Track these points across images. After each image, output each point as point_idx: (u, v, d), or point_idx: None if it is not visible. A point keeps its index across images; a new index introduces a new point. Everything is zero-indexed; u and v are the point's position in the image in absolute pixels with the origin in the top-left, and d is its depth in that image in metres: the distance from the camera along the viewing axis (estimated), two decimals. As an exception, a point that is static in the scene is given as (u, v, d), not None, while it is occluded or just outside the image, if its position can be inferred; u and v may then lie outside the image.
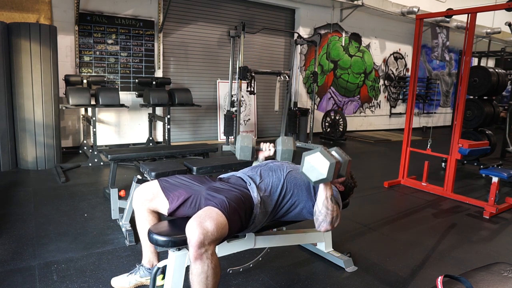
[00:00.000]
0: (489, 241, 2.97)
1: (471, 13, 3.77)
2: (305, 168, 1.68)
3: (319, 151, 1.66)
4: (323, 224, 1.75)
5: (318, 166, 1.64)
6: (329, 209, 1.73)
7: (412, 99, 4.39)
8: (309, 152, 1.69)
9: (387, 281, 2.26)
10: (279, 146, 2.17)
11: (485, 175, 4.15)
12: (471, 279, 1.13)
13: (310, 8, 7.88)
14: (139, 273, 2.06)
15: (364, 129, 9.45)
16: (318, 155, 1.65)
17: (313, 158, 1.66)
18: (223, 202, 1.64)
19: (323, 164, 1.63)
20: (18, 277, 2.13)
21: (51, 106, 4.55)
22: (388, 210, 3.61)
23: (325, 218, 1.74)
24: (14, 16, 5.05)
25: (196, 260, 1.48)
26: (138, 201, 1.87)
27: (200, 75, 6.92)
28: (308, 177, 1.68)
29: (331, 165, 1.62)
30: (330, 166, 1.62)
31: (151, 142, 6.06)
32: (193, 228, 1.49)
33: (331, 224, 1.75)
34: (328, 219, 1.74)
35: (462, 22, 9.42)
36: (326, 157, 1.63)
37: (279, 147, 2.17)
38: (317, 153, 1.66)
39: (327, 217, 1.74)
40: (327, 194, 1.73)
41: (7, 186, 3.84)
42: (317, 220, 1.77)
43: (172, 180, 1.90)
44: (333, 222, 1.76)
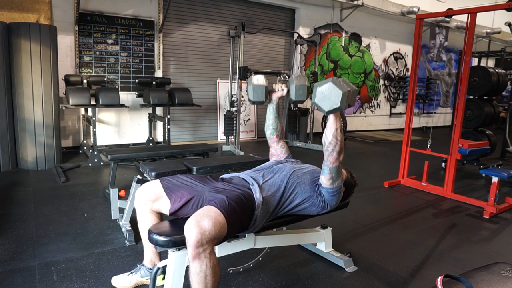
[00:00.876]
0: (489, 241, 2.97)
1: (471, 13, 3.77)
2: (318, 99, 1.68)
3: (331, 80, 1.67)
4: (333, 154, 1.80)
5: (331, 95, 1.65)
6: (338, 140, 1.79)
7: (412, 99, 4.39)
8: (320, 83, 1.69)
9: (387, 281, 2.26)
10: (293, 83, 2.09)
11: (485, 175, 4.15)
12: (471, 279, 1.13)
13: (310, 8, 7.88)
14: (140, 273, 2.06)
15: (364, 129, 9.45)
16: (331, 84, 1.65)
17: (325, 88, 1.66)
18: (222, 201, 1.64)
19: (336, 93, 1.63)
20: (18, 277, 2.12)
21: (51, 106, 4.55)
22: (388, 210, 3.61)
23: (334, 148, 1.79)
24: (14, 16, 5.05)
25: (194, 259, 1.48)
26: (141, 201, 1.87)
27: (200, 75, 6.92)
28: (321, 107, 1.68)
29: (343, 94, 1.63)
30: (343, 95, 1.63)
31: (151, 142, 6.06)
32: (190, 227, 1.49)
33: (338, 154, 1.81)
34: (337, 148, 1.79)
35: (462, 22, 9.42)
36: (338, 86, 1.63)
37: (292, 85, 2.09)
38: (329, 83, 1.66)
39: (336, 147, 1.79)
40: (337, 125, 1.78)
41: (7, 186, 3.84)
42: (327, 150, 1.81)
43: (174, 180, 1.90)
44: (340, 153, 1.82)
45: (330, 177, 1.86)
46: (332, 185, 1.88)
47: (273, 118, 2.28)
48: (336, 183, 1.89)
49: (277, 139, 2.29)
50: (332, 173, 1.85)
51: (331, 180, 1.87)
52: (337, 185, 1.90)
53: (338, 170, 1.86)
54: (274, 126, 2.28)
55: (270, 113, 2.29)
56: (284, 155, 2.24)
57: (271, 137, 2.29)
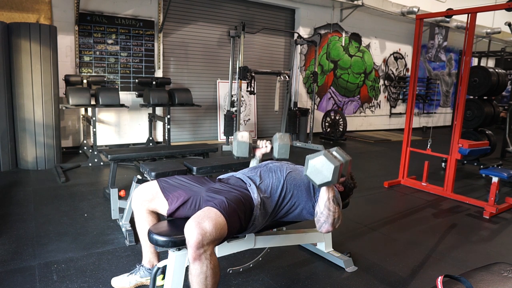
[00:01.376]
0: (489, 241, 2.97)
1: (471, 13, 3.77)
2: (309, 172, 1.68)
3: (323, 154, 1.66)
4: (325, 226, 1.75)
5: (323, 169, 1.64)
6: (331, 211, 1.73)
7: (412, 99, 4.39)
8: (312, 156, 1.69)
9: (387, 281, 2.26)
10: (276, 142, 2.17)
11: (485, 175, 4.15)
12: (471, 279, 1.13)
13: (310, 8, 7.88)
14: (139, 273, 2.06)
15: (364, 129, 9.44)
16: (322, 158, 1.65)
17: (317, 161, 1.66)
18: (222, 203, 1.64)
19: (328, 167, 1.63)
20: (18, 277, 2.12)
21: (51, 106, 4.54)
22: (388, 210, 3.61)
23: (326, 220, 1.74)
24: (14, 16, 5.05)
25: (195, 260, 1.48)
26: (137, 202, 1.87)
27: (200, 75, 6.91)
28: (313, 181, 1.67)
29: (335, 168, 1.62)
30: (335, 169, 1.62)
31: (151, 142, 6.06)
32: (191, 229, 1.49)
33: (332, 225, 1.75)
34: (329, 220, 1.74)
35: (462, 22, 9.42)
36: (330, 160, 1.63)
37: (275, 143, 2.17)
38: (321, 156, 1.66)
39: (328, 219, 1.74)
40: (329, 196, 1.73)
41: (7, 186, 3.84)
42: (319, 221, 1.76)
43: (171, 180, 1.90)
44: (335, 224, 1.76)
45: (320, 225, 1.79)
46: None
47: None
48: None
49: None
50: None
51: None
52: None
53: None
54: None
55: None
56: None
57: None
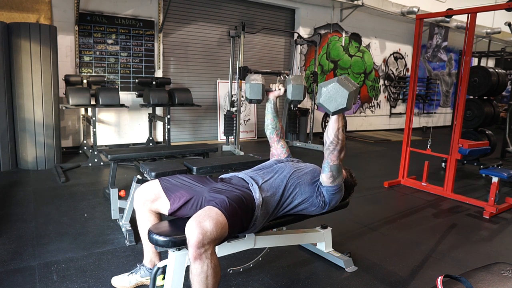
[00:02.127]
0: (489, 241, 2.97)
1: (471, 13, 3.77)
2: (323, 99, 1.66)
3: (336, 80, 1.65)
4: (334, 153, 1.81)
5: (337, 96, 1.63)
6: (339, 139, 1.79)
7: (412, 99, 4.39)
8: (325, 83, 1.67)
9: (387, 281, 2.26)
10: (290, 83, 2.10)
11: (485, 175, 4.15)
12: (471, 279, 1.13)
13: (310, 8, 7.88)
14: (140, 273, 2.06)
15: (364, 129, 9.45)
16: (336, 85, 1.64)
17: (330, 88, 1.64)
18: (223, 202, 1.63)
19: (342, 93, 1.62)
20: (18, 277, 2.12)
21: (51, 106, 4.54)
22: (388, 210, 3.61)
23: (336, 147, 1.80)
24: (14, 16, 5.05)
25: (196, 260, 1.48)
26: (140, 201, 1.87)
27: (200, 75, 6.92)
28: (327, 108, 1.66)
29: (350, 94, 1.61)
30: (350, 94, 1.61)
31: (151, 142, 6.06)
32: (192, 228, 1.49)
33: (339, 153, 1.82)
34: (338, 147, 1.80)
35: (462, 22, 9.41)
36: (344, 86, 1.62)
37: (289, 84, 2.10)
38: (334, 83, 1.64)
39: (337, 146, 1.80)
40: (339, 125, 1.78)
41: (7, 186, 3.84)
42: (328, 149, 1.82)
43: (173, 180, 1.89)
44: (341, 151, 1.82)
45: (331, 175, 1.87)
46: (333, 183, 1.89)
47: (272, 118, 2.29)
48: (337, 181, 1.90)
49: (278, 138, 2.29)
50: (333, 171, 1.86)
51: (332, 178, 1.88)
52: (338, 183, 1.91)
53: (339, 168, 1.87)
54: (273, 125, 2.29)
55: (268, 113, 2.30)
56: (285, 154, 2.25)
57: (271, 137, 2.30)
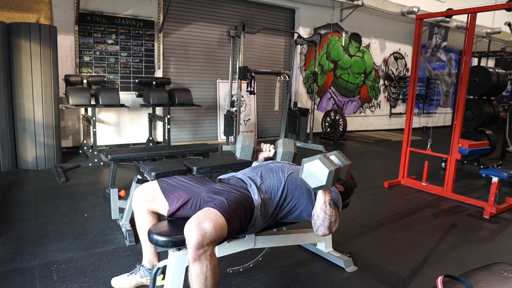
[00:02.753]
0: (489, 241, 2.97)
1: (471, 13, 3.77)
2: (305, 175, 1.67)
3: (319, 158, 1.65)
4: (321, 229, 1.74)
5: (318, 173, 1.63)
6: (327, 214, 1.71)
7: (412, 99, 4.39)
8: (308, 159, 1.68)
9: (387, 281, 2.26)
10: (280, 148, 2.17)
11: (485, 175, 4.15)
12: (471, 279, 1.13)
13: (310, 8, 7.88)
14: (139, 273, 2.06)
15: (364, 129, 9.45)
16: (317, 162, 1.63)
17: (312, 165, 1.64)
18: (222, 203, 1.63)
19: (323, 171, 1.61)
20: (18, 277, 2.13)
21: (51, 106, 4.54)
22: (388, 210, 3.61)
23: (322, 223, 1.73)
24: (14, 16, 5.05)
25: (195, 261, 1.48)
26: (138, 202, 1.87)
27: (200, 75, 6.92)
28: (308, 184, 1.66)
29: (330, 172, 1.61)
30: (329, 173, 1.61)
31: (151, 142, 6.06)
32: (191, 229, 1.49)
33: (328, 228, 1.73)
34: (326, 223, 1.72)
35: (462, 22, 9.41)
36: (325, 164, 1.62)
37: (279, 149, 2.17)
38: (316, 160, 1.64)
39: (324, 222, 1.72)
40: (326, 199, 1.72)
41: (7, 186, 3.84)
42: (315, 224, 1.75)
43: (172, 181, 1.89)
44: (331, 227, 1.74)
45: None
46: None
47: None
48: None
49: None
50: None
51: None
52: None
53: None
54: None
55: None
56: None
57: None
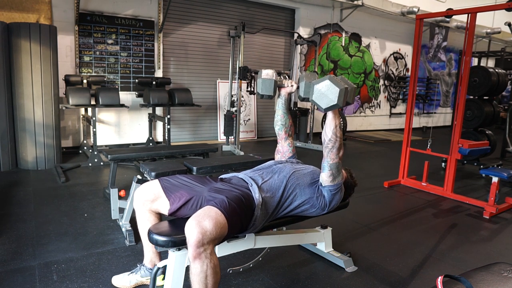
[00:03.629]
0: (489, 241, 2.97)
1: (471, 13, 3.77)
2: (315, 96, 1.70)
3: (328, 78, 1.68)
4: (333, 151, 1.84)
5: (328, 93, 1.66)
6: (337, 136, 1.83)
7: (412, 99, 4.39)
8: (318, 80, 1.71)
9: (387, 281, 2.26)
10: (303, 80, 2.09)
11: (485, 175, 4.15)
12: (471, 279, 1.13)
13: (310, 8, 7.88)
14: (140, 273, 2.06)
15: (364, 129, 9.44)
16: (328, 82, 1.67)
17: (322, 86, 1.68)
18: (223, 202, 1.64)
19: (333, 90, 1.65)
20: (18, 277, 2.13)
21: (51, 106, 4.54)
22: (388, 210, 3.61)
23: (334, 145, 1.83)
24: (14, 16, 5.05)
25: (195, 259, 1.48)
26: (139, 201, 1.87)
27: (200, 75, 6.92)
28: (319, 104, 1.70)
29: (341, 91, 1.64)
30: (340, 92, 1.64)
31: (151, 142, 6.06)
32: (191, 228, 1.49)
33: (338, 150, 1.84)
34: (336, 145, 1.84)
35: (462, 22, 9.41)
36: (335, 84, 1.65)
37: (302, 81, 2.09)
38: (326, 80, 1.68)
39: (336, 144, 1.83)
40: (336, 122, 1.81)
41: (7, 186, 3.84)
42: (327, 147, 1.84)
43: (173, 180, 1.90)
44: (340, 149, 1.86)
45: (331, 173, 1.88)
46: (333, 182, 1.90)
47: (282, 114, 2.25)
48: (337, 180, 1.91)
49: (285, 135, 2.25)
50: (333, 169, 1.87)
51: (332, 177, 1.88)
52: (338, 182, 1.92)
53: (338, 166, 1.89)
54: (283, 121, 2.25)
55: (279, 108, 2.26)
56: (289, 154, 2.23)
57: (279, 133, 2.27)
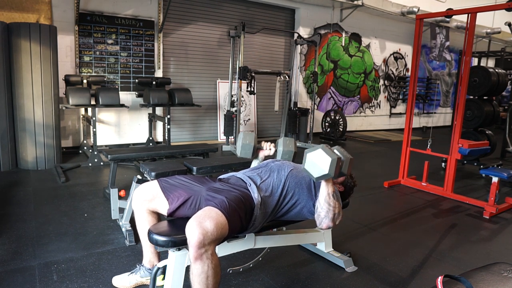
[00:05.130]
0: (489, 241, 2.97)
1: (471, 13, 3.77)
2: (307, 165, 1.70)
3: (321, 147, 1.69)
4: (325, 221, 1.75)
5: (320, 162, 1.66)
6: (331, 205, 1.74)
7: (412, 99, 4.39)
8: (310, 149, 1.71)
9: (387, 281, 2.26)
10: (280, 147, 2.18)
11: (485, 175, 4.15)
12: (471, 279, 1.13)
13: (310, 8, 7.88)
14: (140, 273, 2.06)
15: (364, 129, 9.44)
16: (320, 151, 1.67)
17: (314, 155, 1.68)
18: (223, 202, 1.64)
19: (325, 160, 1.65)
20: (18, 277, 2.13)
21: (51, 106, 4.54)
22: (388, 210, 3.61)
23: (327, 215, 1.74)
24: (14, 16, 5.05)
25: (196, 260, 1.48)
26: (138, 202, 1.87)
27: (200, 75, 6.92)
28: (310, 174, 1.69)
29: (332, 161, 1.64)
30: (332, 162, 1.64)
31: (151, 142, 6.06)
32: (192, 228, 1.49)
33: (332, 220, 1.75)
34: (330, 215, 1.74)
35: (462, 22, 9.41)
36: (327, 153, 1.65)
37: (280, 147, 2.19)
38: (318, 149, 1.68)
39: (329, 214, 1.74)
40: (329, 191, 1.74)
41: (7, 186, 3.84)
42: (319, 216, 1.76)
43: (172, 180, 1.90)
44: (335, 219, 1.76)
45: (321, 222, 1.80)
46: None
47: None
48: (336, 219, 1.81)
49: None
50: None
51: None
52: None
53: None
54: None
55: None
56: None
57: None
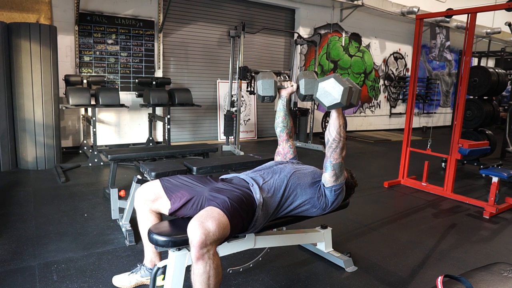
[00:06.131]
0: (489, 241, 2.97)
1: (471, 13, 3.77)
2: (319, 94, 1.73)
3: (333, 76, 1.71)
4: (336, 150, 1.85)
5: (332, 91, 1.69)
6: (341, 136, 1.84)
7: (412, 99, 4.39)
8: (323, 78, 1.73)
9: (387, 281, 2.26)
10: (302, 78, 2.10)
11: (485, 175, 4.15)
12: (471, 279, 1.13)
13: (310, 8, 7.88)
14: (140, 273, 2.06)
15: (364, 129, 9.44)
16: (332, 80, 1.70)
17: (327, 84, 1.70)
18: (224, 202, 1.64)
19: (337, 89, 1.68)
20: (18, 277, 2.12)
21: (51, 106, 4.54)
22: (388, 210, 3.61)
23: (338, 144, 1.84)
24: (14, 16, 5.05)
25: (198, 260, 1.48)
26: (140, 201, 1.87)
27: (200, 75, 6.92)
28: (322, 102, 1.72)
29: (344, 89, 1.67)
30: (344, 90, 1.67)
31: (151, 142, 6.06)
32: (194, 228, 1.49)
33: (341, 150, 1.85)
34: (340, 145, 1.85)
35: (462, 22, 9.42)
36: (340, 83, 1.68)
37: (301, 79, 2.10)
38: (331, 78, 1.71)
39: (340, 143, 1.84)
40: (341, 122, 1.82)
41: (7, 186, 3.84)
42: (331, 147, 1.85)
43: (174, 180, 1.90)
44: (343, 149, 1.87)
45: (334, 173, 1.88)
46: (336, 182, 1.90)
47: (283, 115, 2.24)
48: (339, 179, 1.91)
49: (287, 137, 2.25)
50: (336, 169, 1.87)
51: (335, 177, 1.88)
52: (340, 181, 1.92)
53: (341, 166, 1.89)
54: (284, 123, 2.24)
55: (279, 110, 2.24)
56: (291, 155, 2.22)
57: (281, 135, 2.26)
